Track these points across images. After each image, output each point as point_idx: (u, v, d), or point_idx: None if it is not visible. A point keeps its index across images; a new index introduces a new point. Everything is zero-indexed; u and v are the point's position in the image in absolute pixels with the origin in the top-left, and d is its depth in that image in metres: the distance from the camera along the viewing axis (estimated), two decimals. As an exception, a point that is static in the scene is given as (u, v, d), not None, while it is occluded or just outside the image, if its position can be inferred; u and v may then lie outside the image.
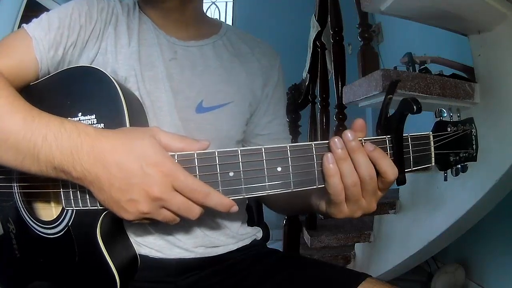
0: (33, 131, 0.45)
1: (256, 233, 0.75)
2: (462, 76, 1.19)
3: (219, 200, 0.44)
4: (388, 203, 1.49)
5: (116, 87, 0.52)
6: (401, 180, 0.47)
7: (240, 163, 0.45)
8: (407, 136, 0.48)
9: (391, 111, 0.49)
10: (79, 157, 0.43)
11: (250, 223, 0.78)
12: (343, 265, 1.77)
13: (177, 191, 0.43)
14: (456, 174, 0.52)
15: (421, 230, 1.35)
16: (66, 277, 0.57)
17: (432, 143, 0.50)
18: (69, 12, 0.60)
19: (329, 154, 0.45)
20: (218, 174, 0.45)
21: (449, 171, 0.52)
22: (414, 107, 0.44)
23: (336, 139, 0.45)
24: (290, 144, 0.46)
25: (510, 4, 0.93)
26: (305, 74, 2.07)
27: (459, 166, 0.51)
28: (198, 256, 0.65)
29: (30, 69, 0.58)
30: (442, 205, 1.25)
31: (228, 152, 0.45)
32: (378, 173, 0.46)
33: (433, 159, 0.50)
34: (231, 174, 0.45)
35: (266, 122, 0.74)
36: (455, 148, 0.50)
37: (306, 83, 2.02)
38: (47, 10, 0.62)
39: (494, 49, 1.02)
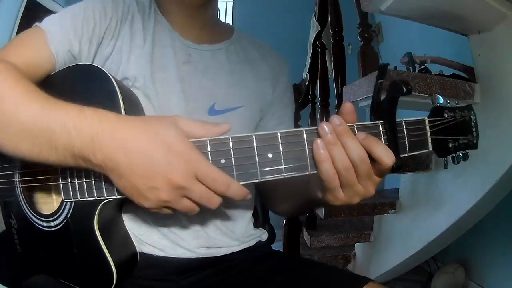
0: (51, 119, 0.44)
1: (261, 234, 0.75)
2: (462, 76, 1.19)
3: (239, 190, 0.44)
4: (388, 203, 1.49)
5: (114, 84, 0.52)
6: (397, 165, 0.46)
7: (231, 150, 0.45)
8: (401, 121, 0.48)
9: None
10: (99, 144, 0.42)
11: (255, 224, 0.78)
12: (343, 265, 1.77)
13: (199, 180, 0.43)
14: (457, 162, 0.50)
15: (421, 230, 1.35)
16: (65, 270, 0.57)
17: (428, 128, 0.48)
18: (82, 9, 0.60)
19: (319, 140, 0.44)
20: (210, 161, 0.45)
21: (450, 159, 0.50)
22: (404, 88, 0.43)
23: (324, 125, 0.44)
24: (280, 131, 0.46)
25: (510, 4, 0.93)
26: (305, 74, 2.07)
27: (460, 153, 0.50)
28: (200, 256, 0.65)
29: (46, 63, 0.58)
30: (442, 205, 1.25)
31: (219, 139, 0.46)
32: (373, 160, 0.45)
33: (429, 144, 0.49)
34: (222, 161, 0.45)
35: (273, 126, 0.75)
36: (454, 134, 0.49)
37: (306, 83, 2.03)
38: (47, 10, 0.62)
39: (494, 49, 1.02)
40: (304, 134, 0.46)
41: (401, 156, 0.46)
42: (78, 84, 0.56)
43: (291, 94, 0.80)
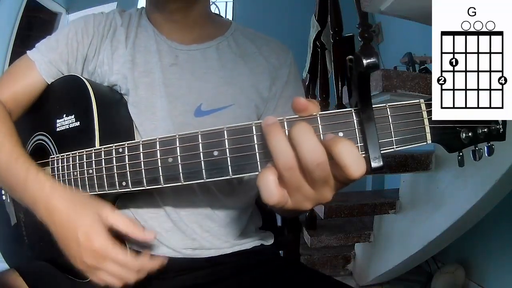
0: (17, 170, 0.54)
1: (263, 238, 0.73)
2: (462, 76, 1.18)
3: (150, 264, 0.52)
4: (388, 203, 1.49)
5: (88, 88, 0.57)
6: (375, 167, 0.34)
7: (178, 148, 0.44)
8: (385, 106, 0.37)
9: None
10: (38, 207, 0.52)
11: (262, 226, 0.76)
12: (343, 265, 1.77)
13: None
14: (479, 158, 0.37)
15: (421, 230, 1.35)
16: (64, 262, 0.58)
17: (424, 113, 0.36)
18: (66, 32, 0.66)
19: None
20: (159, 160, 0.45)
21: (470, 154, 0.37)
22: (364, 61, 0.32)
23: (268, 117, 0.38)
24: (227, 126, 0.41)
25: (510, 4, 0.93)
26: (305, 74, 2.08)
27: (484, 146, 0.36)
28: (186, 256, 0.64)
29: (41, 88, 0.66)
30: (442, 205, 1.25)
31: (167, 137, 0.45)
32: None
33: (428, 134, 0.36)
34: (170, 160, 0.44)
35: None
36: (465, 122, 0.36)
37: (306, 83, 2.03)
38: (47, 10, 0.64)
39: (494, 49, 1.01)
40: (253, 128, 0.40)
41: (385, 150, 0.36)
42: (64, 92, 0.63)
43: (296, 85, 0.73)
